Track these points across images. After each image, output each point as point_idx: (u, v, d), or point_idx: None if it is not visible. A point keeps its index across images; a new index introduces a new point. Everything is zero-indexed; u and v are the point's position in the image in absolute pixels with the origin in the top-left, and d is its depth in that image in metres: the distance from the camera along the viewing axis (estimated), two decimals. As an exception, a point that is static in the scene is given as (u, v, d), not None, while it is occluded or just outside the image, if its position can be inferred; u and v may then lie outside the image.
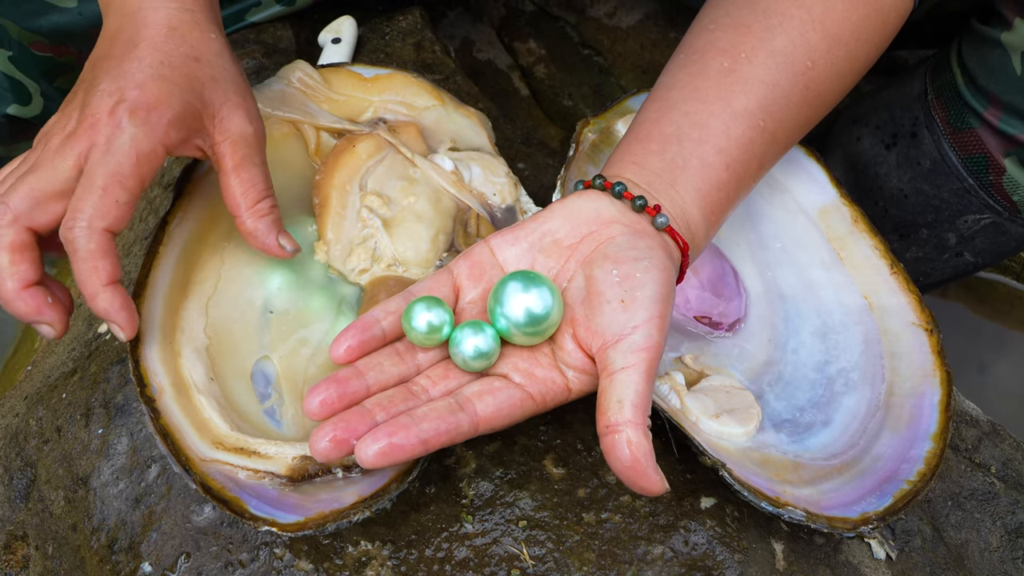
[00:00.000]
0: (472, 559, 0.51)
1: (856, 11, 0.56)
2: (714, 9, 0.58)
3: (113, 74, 0.50)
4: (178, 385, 0.50)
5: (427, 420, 0.45)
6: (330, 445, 0.44)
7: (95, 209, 0.47)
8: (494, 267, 0.50)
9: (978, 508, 0.63)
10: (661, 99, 0.56)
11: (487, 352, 0.47)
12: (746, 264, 0.65)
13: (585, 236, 0.50)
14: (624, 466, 0.43)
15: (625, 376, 0.45)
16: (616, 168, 0.53)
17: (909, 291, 0.61)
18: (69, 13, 0.74)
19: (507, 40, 1.02)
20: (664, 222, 0.50)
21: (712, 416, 0.55)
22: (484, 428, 0.46)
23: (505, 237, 0.51)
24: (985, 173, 0.73)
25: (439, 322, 0.47)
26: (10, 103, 0.78)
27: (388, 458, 0.43)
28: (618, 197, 0.51)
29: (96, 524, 0.54)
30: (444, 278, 0.50)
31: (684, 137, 0.53)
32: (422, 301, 0.48)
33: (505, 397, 0.47)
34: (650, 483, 0.43)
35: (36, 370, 0.70)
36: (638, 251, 0.48)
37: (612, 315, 0.46)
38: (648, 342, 0.45)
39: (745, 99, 0.54)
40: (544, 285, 0.47)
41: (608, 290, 0.47)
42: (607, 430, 0.44)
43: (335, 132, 0.64)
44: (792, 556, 0.54)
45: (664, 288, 0.48)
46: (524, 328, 0.47)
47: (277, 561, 0.50)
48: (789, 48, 0.55)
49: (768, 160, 0.56)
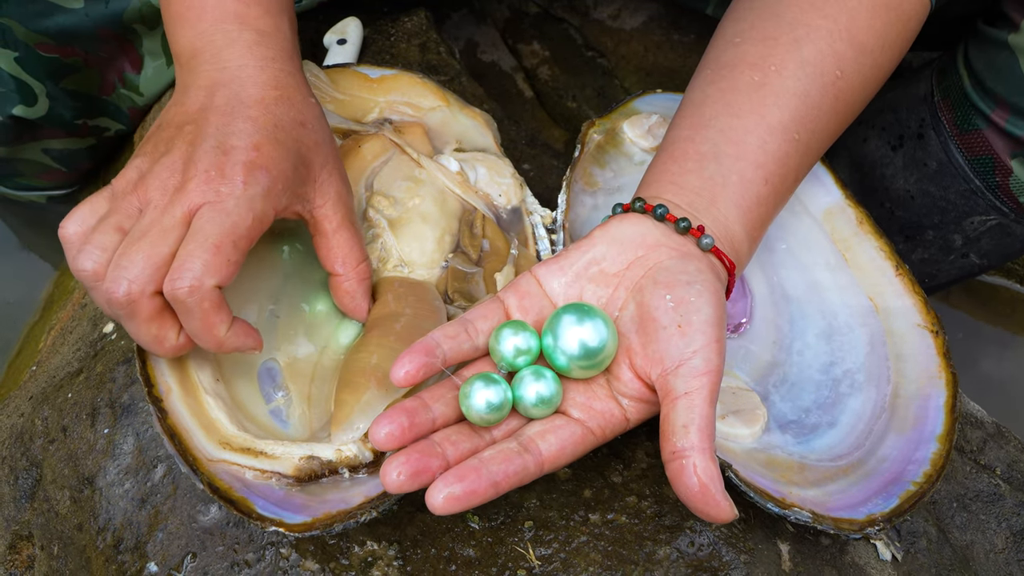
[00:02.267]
0: (478, 559, 0.51)
1: (879, 18, 0.56)
2: (737, 22, 0.58)
3: (226, 131, 0.48)
4: (185, 385, 0.50)
5: (495, 463, 0.44)
6: (403, 480, 0.43)
7: (206, 267, 0.45)
8: (543, 298, 0.50)
9: (983, 510, 0.63)
10: (693, 116, 0.55)
11: (549, 398, 0.47)
12: (751, 266, 0.65)
13: (632, 262, 0.50)
14: (692, 493, 0.43)
15: (688, 401, 0.44)
16: (654, 189, 0.53)
17: (914, 293, 0.61)
18: (75, 14, 0.74)
19: (511, 42, 1.02)
20: (709, 243, 0.50)
21: (718, 417, 0.55)
22: (549, 468, 0.46)
23: (551, 267, 0.50)
24: (991, 174, 0.73)
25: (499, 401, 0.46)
26: (16, 104, 0.78)
27: (461, 503, 0.43)
28: (660, 220, 0.50)
29: (102, 524, 0.54)
30: (494, 307, 0.50)
31: (721, 154, 0.53)
32: (481, 379, 0.46)
33: (568, 435, 0.46)
34: (719, 510, 0.43)
35: (41, 370, 0.70)
36: (689, 275, 0.48)
37: (669, 341, 0.46)
38: (708, 366, 0.45)
39: (779, 112, 0.54)
40: (598, 317, 0.47)
41: (663, 316, 0.47)
42: (673, 456, 0.44)
43: (341, 132, 0.64)
44: (798, 557, 0.54)
45: (718, 311, 0.47)
46: (580, 362, 0.47)
47: (283, 561, 0.50)
48: (818, 59, 0.55)
49: (802, 171, 0.56)
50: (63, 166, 0.88)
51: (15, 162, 0.86)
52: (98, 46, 0.77)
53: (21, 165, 0.87)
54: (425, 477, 0.43)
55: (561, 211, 0.61)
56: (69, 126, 0.83)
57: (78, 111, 0.82)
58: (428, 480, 0.43)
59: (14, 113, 0.78)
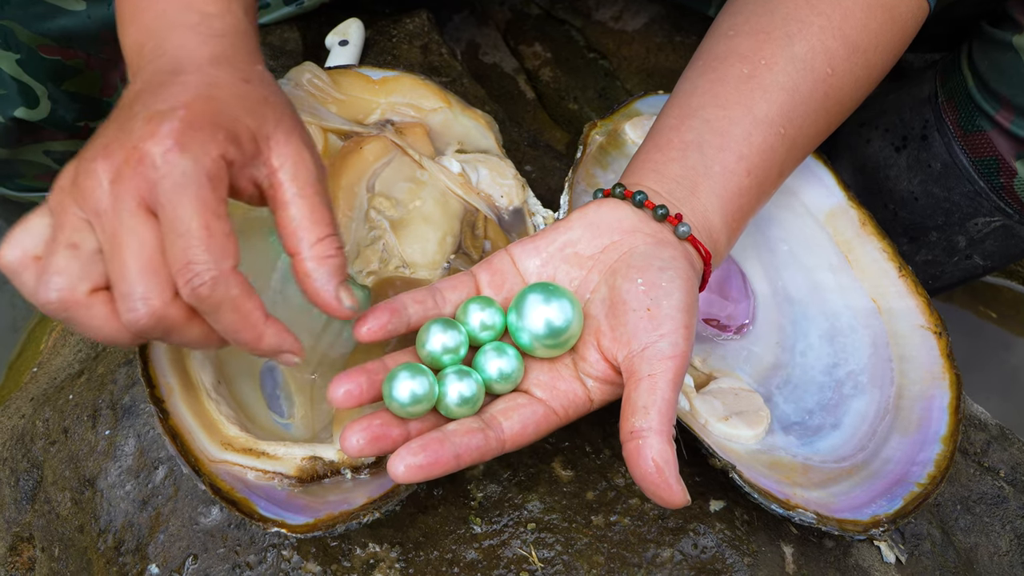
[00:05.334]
0: (480, 561, 0.51)
1: (875, 19, 0.56)
2: (732, 16, 0.58)
3: (150, 100, 0.43)
4: (187, 386, 0.50)
5: (457, 435, 0.44)
6: (362, 444, 0.43)
7: (211, 253, 0.40)
8: (515, 276, 0.50)
9: (987, 512, 0.62)
10: (681, 106, 0.55)
11: (510, 374, 0.47)
12: (754, 267, 0.65)
13: (607, 246, 0.50)
14: (645, 474, 0.42)
15: (651, 383, 0.44)
16: (636, 176, 0.53)
17: (917, 294, 0.61)
18: (78, 16, 0.74)
19: (513, 43, 1.02)
20: (686, 231, 0.50)
21: (721, 418, 0.55)
22: (511, 446, 0.46)
23: (526, 247, 0.50)
24: (996, 176, 0.73)
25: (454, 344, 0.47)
26: (18, 106, 0.78)
27: (423, 472, 0.43)
28: (639, 206, 0.50)
29: (103, 526, 0.54)
30: (466, 281, 0.50)
31: (705, 144, 0.53)
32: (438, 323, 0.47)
33: (529, 413, 0.46)
34: (671, 494, 0.42)
35: (42, 371, 0.70)
36: (663, 261, 0.48)
37: (638, 324, 0.46)
38: (675, 350, 0.45)
39: (766, 105, 0.54)
40: (564, 297, 0.47)
41: (633, 299, 0.47)
42: (630, 436, 0.43)
43: (342, 134, 0.64)
44: (802, 559, 0.54)
45: (689, 297, 0.47)
46: (544, 340, 0.47)
47: (285, 563, 0.50)
48: (809, 55, 0.55)
49: (788, 167, 0.56)
50: (64, 167, 0.88)
51: (16, 163, 0.86)
52: (100, 48, 0.77)
53: (22, 166, 0.87)
54: (384, 443, 0.44)
55: (563, 212, 0.61)
56: (70, 128, 0.83)
57: (79, 113, 0.82)
58: (387, 447, 0.44)
59: (16, 115, 0.78)
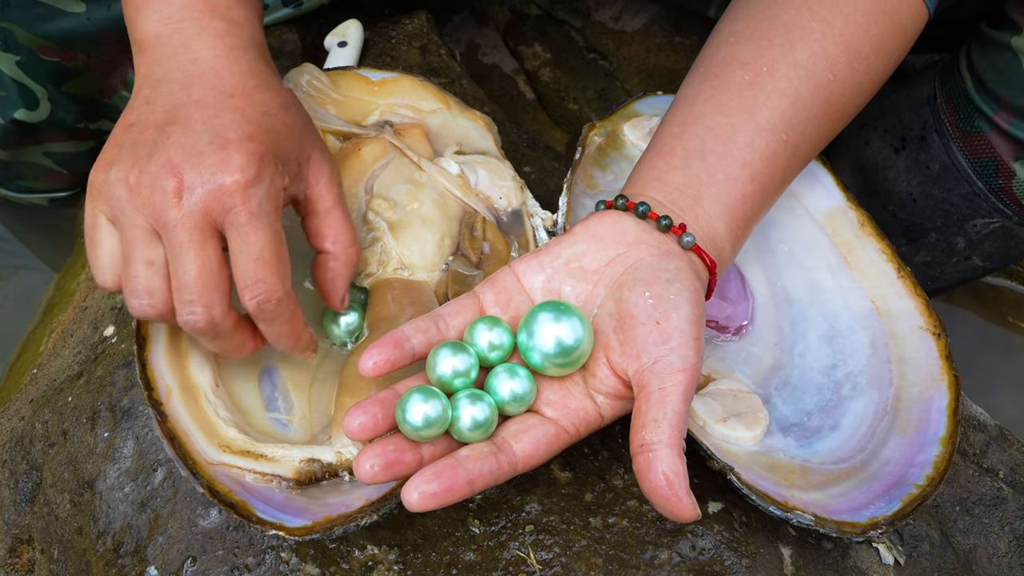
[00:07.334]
0: (479, 563, 0.51)
1: (875, 24, 0.56)
2: (733, 23, 0.58)
3: (215, 125, 0.47)
4: (185, 388, 0.50)
5: (470, 462, 0.44)
6: (377, 471, 0.43)
7: (278, 276, 0.47)
8: (521, 293, 0.50)
9: (986, 513, 0.62)
10: (682, 113, 0.55)
11: (522, 396, 0.46)
12: (753, 268, 0.65)
13: (612, 259, 0.49)
14: (655, 486, 0.42)
15: (662, 396, 0.44)
16: (639, 185, 0.53)
17: (916, 295, 0.61)
18: (78, 18, 0.74)
19: (512, 44, 1.02)
20: (691, 242, 0.50)
21: (720, 420, 0.55)
22: (523, 468, 0.45)
23: (530, 263, 0.50)
24: (995, 177, 0.73)
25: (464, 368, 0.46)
26: (18, 107, 0.78)
27: (437, 500, 0.42)
28: (642, 217, 0.50)
29: (102, 528, 0.54)
30: (468, 303, 0.49)
31: (708, 151, 0.53)
32: (447, 347, 0.46)
33: (541, 435, 0.46)
34: (681, 508, 0.42)
35: (41, 373, 0.70)
36: (669, 272, 0.48)
37: (647, 337, 0.46)
38: (685, 363, 0.45)
39: (768, 112, 0.54)
40: (575, 315, 0.47)
41: (642, 313, 0.46)
42: (641, 449, 0.43)
43: (341, 135, 0.64)
44: (800, 561, 0.54)
45: (697, 309, 0.47)
46: (556, 360, 0.46)
47: (283, 565, 0.50)
48: (811, 61, 0.55)
49: (790, 173, 0.56)
50: (64, 169, 0.88)
51: (17, 165, 0.86)
52: (100, 49, 0.77)
53: (23, 168, 0.87)
54: (398, 469, 0.43)
55: (562, 213, 0.61)
56: (70, 129, 0.83)
57: (79, 115, 0.82)
58: (401, 473, 0.43)
59: (16, 117, 0.78)
